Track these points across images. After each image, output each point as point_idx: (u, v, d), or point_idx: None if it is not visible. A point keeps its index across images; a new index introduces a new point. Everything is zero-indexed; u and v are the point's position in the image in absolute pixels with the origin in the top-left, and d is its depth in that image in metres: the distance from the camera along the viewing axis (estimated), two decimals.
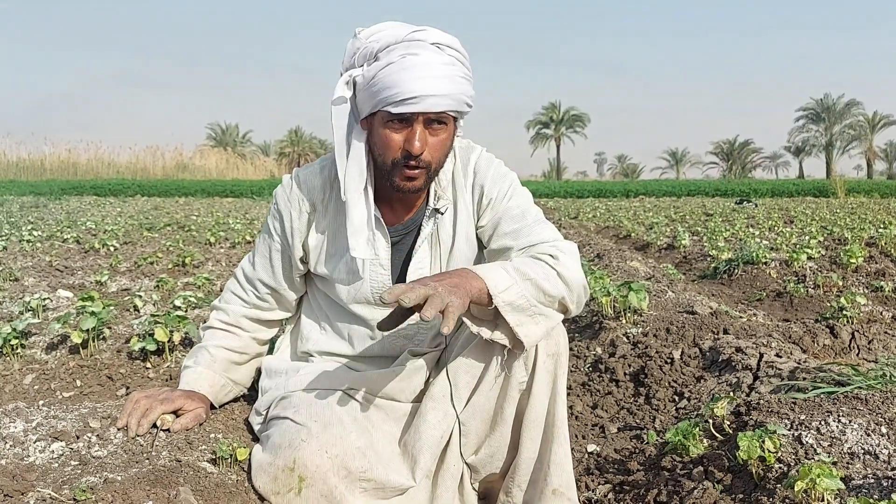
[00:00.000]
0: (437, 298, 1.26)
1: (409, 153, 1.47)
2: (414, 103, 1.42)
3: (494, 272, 1.41)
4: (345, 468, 1.43)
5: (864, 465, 1.49)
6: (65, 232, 7.88)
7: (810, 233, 8.00)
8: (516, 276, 1.42)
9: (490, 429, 1.57)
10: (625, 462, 2.00)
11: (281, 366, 1.77)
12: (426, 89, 1.42)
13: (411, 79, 1.41)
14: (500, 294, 1.38)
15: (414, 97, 1.42)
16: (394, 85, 1.42)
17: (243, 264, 1.82)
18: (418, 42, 1.45)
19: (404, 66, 1.42)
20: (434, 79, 1.43)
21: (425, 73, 1.42)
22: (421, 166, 1.50)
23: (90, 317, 2.53)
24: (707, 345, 2.73)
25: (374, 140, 1.52)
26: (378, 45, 1.46)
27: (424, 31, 1.47)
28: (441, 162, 1.56)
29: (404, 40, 1.45)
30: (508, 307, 1.39)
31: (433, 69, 1.43)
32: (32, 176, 31.99)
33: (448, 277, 1.35)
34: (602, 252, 6.33)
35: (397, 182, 1.52)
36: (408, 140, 1.47)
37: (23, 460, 1.43)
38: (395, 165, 1.50)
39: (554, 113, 63.48)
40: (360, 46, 1.49)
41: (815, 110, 59.95)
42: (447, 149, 1.56)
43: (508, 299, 1.39)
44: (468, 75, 1.52)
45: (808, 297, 4.40)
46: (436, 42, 1.47)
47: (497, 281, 1.39)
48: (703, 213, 14.22)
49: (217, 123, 64.13)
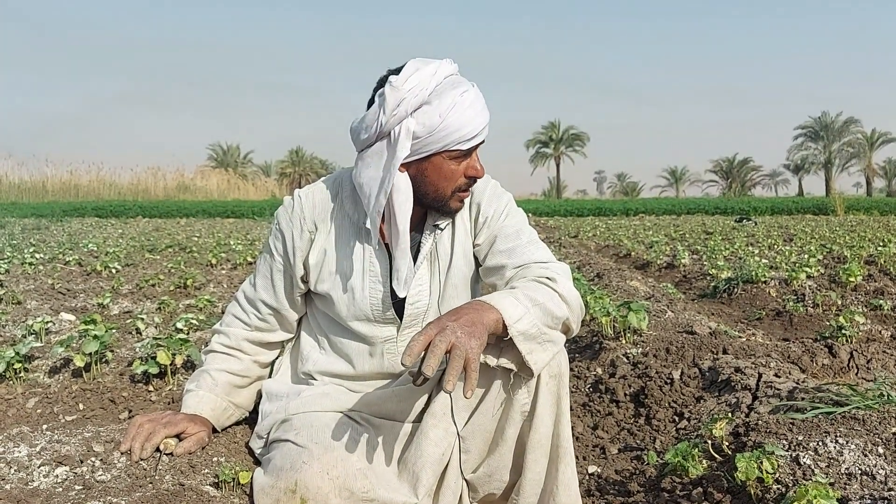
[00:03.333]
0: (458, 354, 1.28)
1: (474, 178, 1.61)
2: (481, 136, 1.57)
3: (507, 302, 1.43)
4: (347, 489, 1.44)
5: (861, 485, 1.50)
6: (67, 254, 7.90)
7: (810, 251, 8.02)
8: (527, 304, 1.44)
9: (490, 449, 1.58)
10: (625, 483, 2.01)
11: (281, 389, 1.78)
12: (484, 121, 1.56)
13: (476, 115, 1.54)
14: (515, 324, 1.41)
15: (480, 131, 1.56)
16: (465, 125, 1.52)
17: (244, 287, 1.84)
18: (454, 77, 1.56)
19: (466, 106, 1.52)
20: (485, 109, 1.57)
21: (479, 106, 1.55)
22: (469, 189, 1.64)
23: (93, 340, 2.55)
24: (706, 365, 2.75)
25: (430, 177, 1.58)
26: (429, 92, 1.50)
27: (447, 65, 1.55)
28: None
29: (446, 79, 1.53)
30: (522, 337, 1.42)
31: (482, 101, 1.57)
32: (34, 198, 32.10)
33: (465, 314, 1.37)
34: (602, 271, 6.34)
35: (452, 206, 1.64)
36: (471, 167, 1.60)
37: (27, 485, 1.44)
38: (454, 193, 1.61)
39: (553, 132, 63.75)
40: (404, 96, 1.49)
41: (814, 128, 60.19)
42: None
43: (522, 329, 1.42)
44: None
45: (808, 315, 4.41)
46: (454, 72, 1.57)
47: (511, 312, 1.41)
48: (703, 232, 14.25)
49: (218, 144, 64.40)
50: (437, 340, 1.29)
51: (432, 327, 1.32)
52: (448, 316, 1.37)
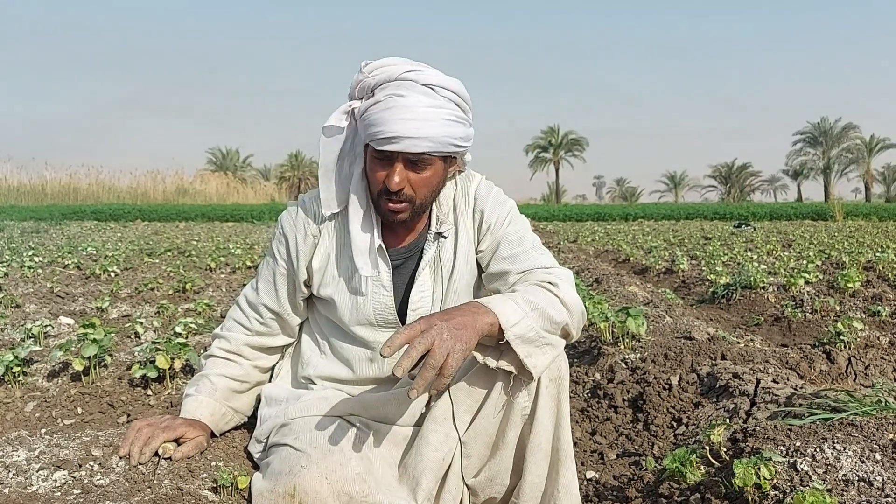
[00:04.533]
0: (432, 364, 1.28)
1: (388, 188, 1.53)
2: (393, 143, 1.48)
3: (505, 305, 1.43)
4: (346, 494, 1.44)
5: (858, 492, 1.51)
6: (66, 258, 7.90)
7: (808, 257, 8.03)
8: (526, 308, 1.44)
9: (491, 453, 1.58)
10: (623, 489, 2.01)
11: (281, 394, 1.78)
12: (404, 131, 1.47)
13: (393, 119, 1.47)
14: (512, 328, 1.41)
15: (394, 137, 1.47)
16: (378, 123, 1.48)
17: (246, 291, 1.85)
18: (409, 82, 1.50)
19: (388, 107, 1.48)
20: (414, 121, 1.47)
21: (407, 115, 1.47)
22: (403, 200, 1.56)
23: (92, 344, 2.55)
24: (705, 371, 2.75)
25: (367, 168, 1.61)
26: (374, 82, 1.53)
27: (419, 72, 1.51)
28: (427, 197, 1.60)
29: (397, 79, 1.51)
30: (519, 340, 1.42)
31: (416, 112, 1.48)
32: (33, 201, 32.10)
33: (457, 315, 1.37)
34: (601, 276, 6.35)
35: (383, 211, 1.60)
36: (388, 176, 1.53)
37: (26, 489, 1.45)
38: (380, 196, 1.58)
39: (553, 137, 63.81)
40: (362, 80, 1.55)
41: (813, 134, 60.29)
42: (434, 185, 1.60)
43: (519, 332, 1.42)
44: (462, 117, 1.55)
45: (806, 321, 4.42)
46: (429, 83, 1.51)
47: (509, 315, 1.41)
48: (702, 237, 14.26)
49: (217, 148, 64.52)
50: (418, 342, 1.29)
51: (420, 323, 1.33)
52: (441, 315, 1.37)
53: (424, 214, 1.69)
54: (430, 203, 1.64)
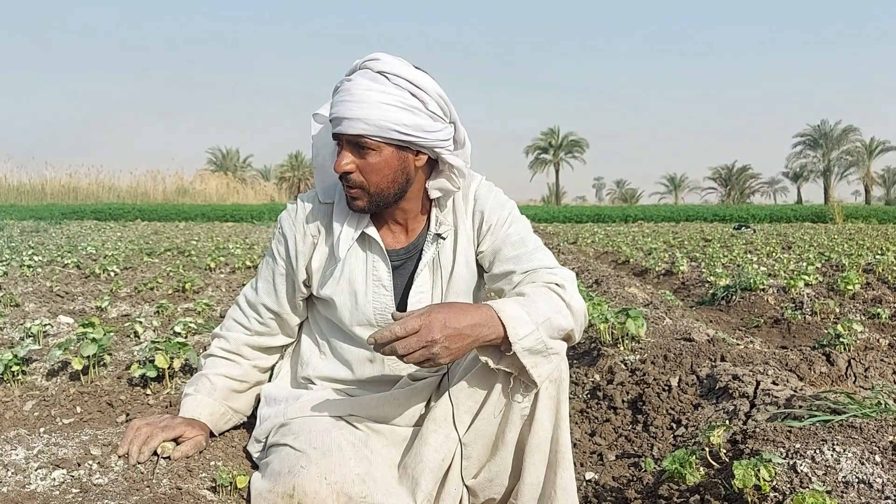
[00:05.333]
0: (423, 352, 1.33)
1: (340, 173, 1.56)
2: (335, 125, 1.53)
3: (517, 318, 1.41)
4: (345, 494, 1.44)
5: (857, 493, 1.50)
6: (65, 257, 7.90)
7: (808, 259, 8.03)
8: (537, 319, 1.43)
9: (491, 453, 1.58)
10: (622, 490, 2.01)
11: (280, 393, 1.78)
12: (341, 111, 1.50)
13: (337, 102, 1.53)
14: (520, 341, 1.40)
15: (334, 118, 1.52)
16: (333, 106, 1.54)
17: (245, 291, 1.85)
18: (363, 70, 1.53)
19: (338, 90, 1.53)
20: (350, 102, 1.49)
21: (346, 97, 1.50)
22: (354, 186, 1.57)
23: (91, 343, 2.54)
24: (704, 372, 2.75)
25: None
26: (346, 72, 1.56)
27: (377, 61, 1.52)
28: (382, 186, 1.57)
29: (361, 67, 1.54)
30: (527, 352, 1.42)
31: (353, 94, 1.50)
32: (33, 200, 32.10)
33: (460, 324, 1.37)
34: (600, 278, 6.35)
35: (346, 193, 1.61)
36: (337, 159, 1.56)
37: (24, 488, 1.44)
38: (341, 179, 1.59)
39: (553, 138, 63.85)
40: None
41: (813, 136, 60.35)
42: (387, 175, 1.56)
43: (527, 345, 1.41)
44: (412, 106, 1.51)
45: (806, 323, 4.42)
46: (382, 70, 1.51)
47: (519, 329, 1.40)
48: (702, 239, 14.26)
49: (217, 148, 64.68)
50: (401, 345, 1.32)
51: (416, 320, 1.33)
52: (442, 314, 1.36)
53: (423, 216, 1.70)
54: (393, 195, 1.60)
